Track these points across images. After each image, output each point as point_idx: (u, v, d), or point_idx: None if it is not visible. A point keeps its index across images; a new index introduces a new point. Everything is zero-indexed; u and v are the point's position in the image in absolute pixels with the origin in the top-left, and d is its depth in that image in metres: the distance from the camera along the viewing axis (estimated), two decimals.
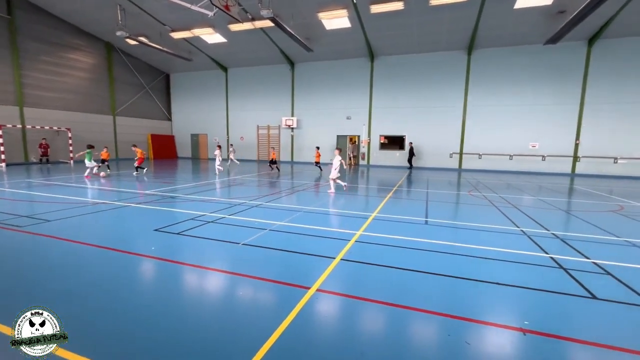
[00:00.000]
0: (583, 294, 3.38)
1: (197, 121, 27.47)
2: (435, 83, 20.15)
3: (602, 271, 4.01)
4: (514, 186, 12.91)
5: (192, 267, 3.96)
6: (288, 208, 7.61)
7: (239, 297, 3.26)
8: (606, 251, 4.88)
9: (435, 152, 20.74)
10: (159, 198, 8.50)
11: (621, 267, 4.15)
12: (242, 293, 3.34)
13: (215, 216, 6.52)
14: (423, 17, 16.19)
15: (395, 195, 10.00)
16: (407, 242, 5.08)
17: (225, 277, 3.71)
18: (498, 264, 4.27)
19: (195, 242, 4.94)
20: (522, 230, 5.93)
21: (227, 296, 3.32)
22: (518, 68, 18.49)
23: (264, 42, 20.54)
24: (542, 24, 15.89)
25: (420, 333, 2.73)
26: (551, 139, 18.47)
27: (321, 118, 23.22)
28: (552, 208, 8.45)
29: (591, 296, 3.33)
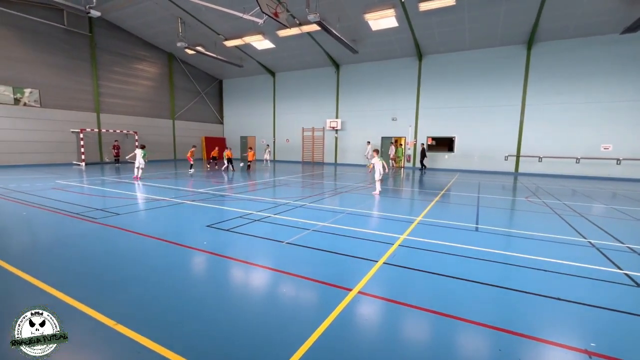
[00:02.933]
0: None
1: (246, 124, 28.89)
2: (490, 81, 18.86)
3: None
4: (581, 192, 11.61)
5: (239, 262, 4.19)
6: (331, 209, 7.67)
7: (282, 294, 3.38)
8: None
9: (488, 154, 19.41)
10: (211, 196, 9.09)
11: None
12: (285, 290, 3.45)
13: (262, 215, 6.80)
14: (477, 12, 15.29)
15: (442, 199, 9.57)
16: (454, 248, 4.84)
17: (269, 274, 3.87)
18: (560, 277, 3.89)
19: (243, 238, 5.21)
20: (590, 242, 5.33)
21: (271, 292, 3.45)
22: (587, 61, 16.58)
23: (310, 46, 20.94)
24: (619, 12, 14.08)
25: (467, 345, 2.59)
26: (628, 139, 16.23)
27: (365, 120, 23.01)
28: (629, 218, 7.45)
29: None
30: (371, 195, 9.90)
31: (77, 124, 19.16)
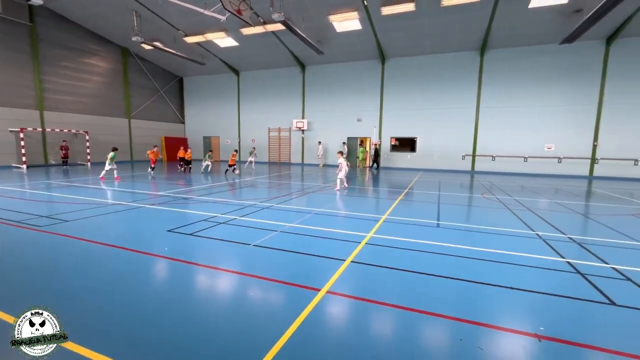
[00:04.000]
0: (601, 300, 3.28)
1: (209, 124, 27.92)
2: (448, 84, 19.92)
3: (622, 277, 3.89)
4: (529, 189, 12.63)
5: (204, 268, 4.02)
6: (299, 210, 7.64)
7: (249, 297, 3.30)
8: (626, 256, 4.72)
9: (447, 154, 20.47)
10: (172, 199, 8.66)
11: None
12: (253, 294, 3.38)
13: (227, 217, 6.60)
14: (434, 18, 16.06)
15: (406, 197, 9.92)
16: (418, 244, 5.03)
17: (236, 278, 3.76)
18: (512, 267, 4.19)
19: (207, 242, 5.01)
20: (538, 234, 5.80)
21: (238, 297, 3.36)
22: (532, 68, 18.11)
23: (275, 45, 20.73)
24: (558, 24, 15.54)
25: (432, 337, 2.70)
26: (568, 140, 17.97)
27: (332, 120, 23.25)
28: (569, 211, 8.23)
29: (610, 302, 3.24)
30: (337, 194, 10.01)
31: (17, 123, 17.32)
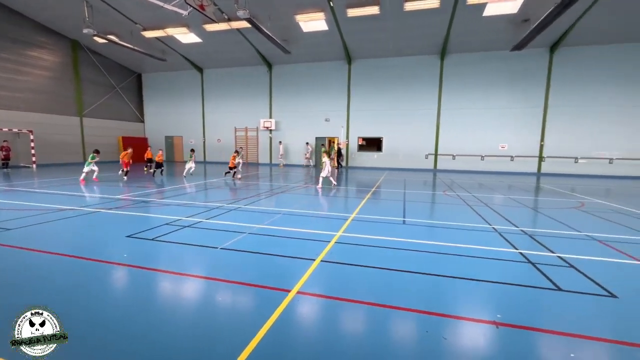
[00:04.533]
0: (549, 287, 3.58)
1: (171, 123, 26.67)
2: (411, 86, 20.69)
3: (566, 264, 4.27)
4: (486, 185, 13.47)
5: (168, 274, 3.84)
6: (267, 210, 7.54)
7: (217, 302, 3.20)
8: (569, 245, 5.19)
9: (412, 153, 21.26)
10: (131, 203, 8.17)
11: (582, 260, 4.43)
12: (221, 298, 3.28)
13: (192, 220, 6.36)
14: (398, 22, 16.59)
15: (373, 196, 10.16)
16: (386, 242, 5.17)
17: (202, 283, 3.62)
18: (472, 260, 4.44)
19: (171, 247, 4.79)
20: (494, 228, 6.20)
21: (205, 302, 3.24)
22: (487, 73, 19.35)
23: (240, 43, 20.29)
24: (509, 32, 16.72)
25: (400, 331, 2.79)
26: (519, 140, 19.43)
27: (300, 120, 23.22)
28: (520, 206, 8.88)
29: (557, 288, 3.54)
30: (313, 192, 10.02)
31: None
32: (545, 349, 2.54)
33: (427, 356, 2.38)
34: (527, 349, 2.51)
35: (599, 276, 3.84)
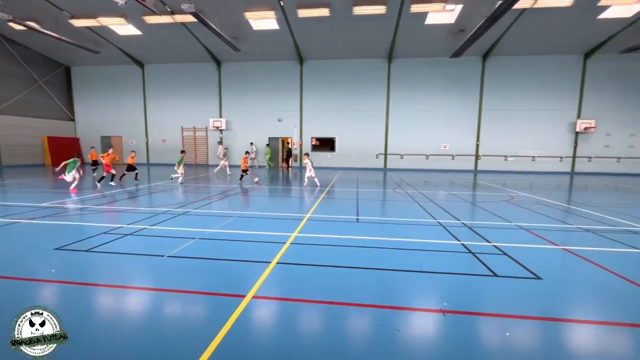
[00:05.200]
0: (487, 273, 3.93)
1: (108, 122, 24.32)
2: (362, 88, 21.38)
3: (500, 252, 4.72)
4: (431, 183, 14.42)
5: (107, 288, 3.48)
6: (219, 214, 7.24)
7: (166, 315, 2.97)
8: (502, 235, 5.76)
9: (364, 153, 21.98)
10: (62, 211, 7.28)
11: (513, 248, 4.94)
12: (171, 310, 3.06)
13: (135, 227, 5.85)
14: (347, 25, 17.03)
15: (328, 195, 10.29)
16: (341, 240, 5.26)
17: (148, 295, 3.35)
18: (420, 254, 4.71)
19: (110, 258, 4.36)
20: (439, 222, 6.65)
21: (154, 316, 2.99)
22: (430, 77, 20.76)
23: (186, 38, 19.22)
24: (448, 40, 18.11)
25: (357, 327, 2.85)
26: (458, 140, 21.17)
27: (252, 120, 22.70)
28: (461, 201, 9.66)
29: (493, 274, 3.90)
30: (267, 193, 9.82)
31: None
32: (486, 330, 2.78)
33: (384, 348, 2.47)
34: (471, 332, 2.72)
35: (527, 261, 4.31)
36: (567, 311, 3.16)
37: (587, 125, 19.70)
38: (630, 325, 2.85)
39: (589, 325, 2.89)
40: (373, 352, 2.44)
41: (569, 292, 3.58)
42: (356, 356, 2.39)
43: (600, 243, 5.34)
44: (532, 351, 2.50)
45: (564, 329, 2.81)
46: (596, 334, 2.76)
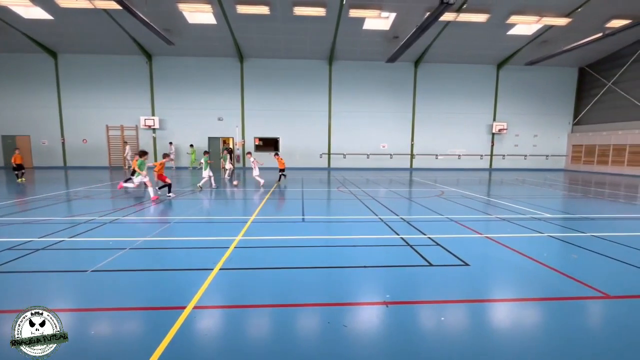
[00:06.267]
0: (423, 264, 4.24)
1: (11, 118, 20.73)
2: (304, 88, 21.54)
3: (434, 243, 5.14)
4: (372, 181, 15.13)
5: (10, 314, 2.94)
6: (154, 220, 6.66)
7: (93, 337, 2.63)
8: (435, 227, 6.28)
9: (307, 152, 22.18)
10: None
11: (445, 238, 5.41)
12: (97, 331, 2.71)
13: (49, 240, 5.08)
14: (288, 25, 17.00)
15: (272, 196, 10.15)
16: (286, 241, 5.22)
17: (70, 317, 2.92)
18: (363, 249, 4.90)
19: (16, 278, 3.72)
20: (380, 218, 7.00)
21: (77, 340, 2.61)
22: (369, 80, 21.78)
23: (109, 27, 17.30)
24: (384, 45, 19.18)
25: (305, 327, 2.84)
26: (395, 140, 22.60)
27: (189, 118, 21.36)
28: (399, 197, 10.30)
29: (429, 264, 4.22)
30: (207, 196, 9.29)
31: None
32: (425, 317, 2.99)
33: (332, 345, 2.50)
34: (411, 320, 2.90)
35: (457, 250, 4.76)
36: (490, 292, 3.56)
37: (501, 127, 22.59)
38: (540, 299, 3.32)
39: (509, 303, 3.29)
40: (322, 350, 2.46)
41: (492, 275, 4.04)
42: (306, 356, 2.38)
43: (514, 230, 6.13)
44: (464, 331, 2.75)
45: (490, 308, 3.16)
46: (516, 310, 3.16)
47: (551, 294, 3.42)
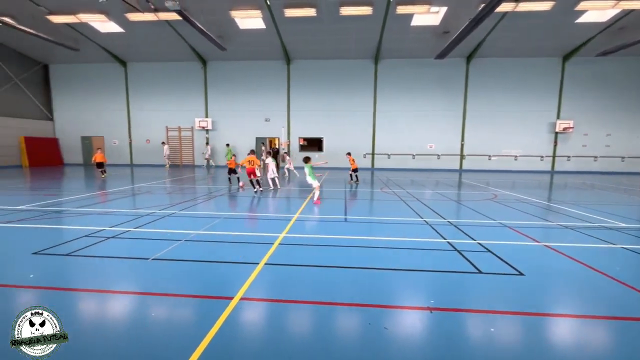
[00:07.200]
0: (472, 270, 4.01)
1: (89, 121, 23.62)
2: (349, 88, 21.48)
3: (485, 249, 4.83)
4: (417, 182, 14.62)
5: (88, 293, 3.38)
6: (206, 215, 7.13)
7: (151, 319, 2.91)
8: (486, 232, 5.89)
9: (352, 152, 21.98)
10: (40, 214, 7.03)
11: (497, 245, 5.06)
12: (156, 314, 2.99)
13: (118, 230, 5.70)
14: (334, 25, 17.09)
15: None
16: (329, 240, 5.27)
17: (132, 299, 3.27)
18: (408, 252, 4.76)
19: (91, 262, 4.23)
20: (425, 221, 6.75)
21: (138, 320, 2.92)
22: (416, 78, 21.05)
23: (170, 37, 18.87)
24: (433, 41, 18.40)
25: (345, 326, 2.85)
26: (444, 140, 21.56)
27: (238, 120, 22.48)
28: (446, 199, 9.83)
29: (478, 271, 3.98)
30: (254, 194, 9.73)
31: None
32: (472, 326, 2.84)
33: (372, 347, 2.48)
34: (457, 329, 2.77)
35: (510, 258, 4.42)
36: (547, 306, 3.26)
37: (566, 126, 20.41)
38: (608, 318, 2.96)
39: (569, 319, 2.99)
40: (361, 350, 2.46)
41: (549, 287, 3.69)
42: (345, 355, 2.40)
43: (578, 239, 5.53)
44: (516, 345, 2.56)
45: (546, 323, 2.90)
46: (576, 327, 2.86)
47: (622, 313, 3.04)
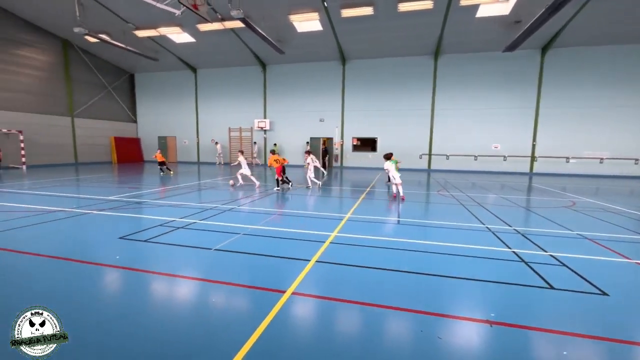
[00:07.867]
0: (542, 285, 3.61)
1: (164, 123, 26.44)
2: (405, 86, 20.77)
3: (558, 263, 4.32)
4: (479, 185, 13.58)
5: (161, 275, 3.80)
6: (263, 211, 7.51)
7: (211, 304, 3.17)
8: (561, 244, 5.25)
9: (406, 153, 21.29)
10: (124, 204, 8.08)
11: (574, 259, 4.48)
12: (215, 300, 3.25)
13: (186, 221, 6.30)
14: (392, 23, 16.66)
15: (368, 196, 10.17)
16: (381, 241, 5.18)
17: (196, 285, 3.59)
18: (466, 259, 4.47)
19: (164, 249, 4.75)
20: (487, 227, 6.25)
21: (200, 304, 3.21)
22: (480, 73, 19.51)
23: (234, 43, 20.20)
24: (501, 33, 16.88)
25: (395, 331, 2.79)
26: (511, 140, 19.63)
27: (294, 120, 23.19)
28: (513, 205, 8.97)
29: (549, 287, 3.57)
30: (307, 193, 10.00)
31: None
32: (539, 347, 2.57)
33: (422, 356, 2.39)
34: (520, 348, 2.52)
35: (591, 274, 3.89)
36: (638, 332, 2.80)
37: None
38: None
39: None
40: (411, 357, 2.38)
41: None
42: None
43: None
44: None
45: (634, 352, 2.50)
46: None
47: None
